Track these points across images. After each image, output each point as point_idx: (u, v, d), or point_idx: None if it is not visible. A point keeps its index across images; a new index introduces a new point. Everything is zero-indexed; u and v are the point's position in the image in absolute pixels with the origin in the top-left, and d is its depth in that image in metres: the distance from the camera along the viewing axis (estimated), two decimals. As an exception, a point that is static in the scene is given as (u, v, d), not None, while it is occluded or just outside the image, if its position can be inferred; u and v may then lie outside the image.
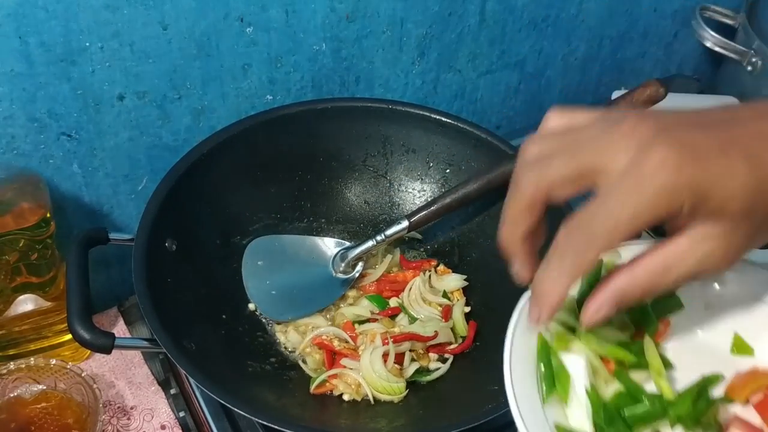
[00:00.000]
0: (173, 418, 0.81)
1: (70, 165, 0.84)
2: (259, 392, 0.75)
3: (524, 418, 0.44)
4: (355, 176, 0.94)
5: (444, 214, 0.82)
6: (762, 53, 1.05)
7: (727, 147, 0.40)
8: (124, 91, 0.82)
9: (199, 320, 0.78)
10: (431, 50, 1.00)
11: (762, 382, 0.49)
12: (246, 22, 0.84)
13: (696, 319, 0.52)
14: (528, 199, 0.44)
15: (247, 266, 0.86)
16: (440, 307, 0.85)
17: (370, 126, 0.92)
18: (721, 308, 0.52)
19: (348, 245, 0.89)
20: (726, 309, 0.52)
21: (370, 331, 0.81)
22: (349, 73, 0.96)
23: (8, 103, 0.77)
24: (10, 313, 0.78)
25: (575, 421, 0.47)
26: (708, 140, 0.40)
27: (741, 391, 0.49)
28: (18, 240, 0.75)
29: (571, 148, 0.43)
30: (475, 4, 0.98)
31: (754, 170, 0.40)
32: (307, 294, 0.86)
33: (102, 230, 0.78)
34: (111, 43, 0.77)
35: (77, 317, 0.69)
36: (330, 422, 0.75)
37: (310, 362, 0.81)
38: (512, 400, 0.46)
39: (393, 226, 0.82)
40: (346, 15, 0.90)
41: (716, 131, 0.41)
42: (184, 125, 0.88)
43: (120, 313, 0.91)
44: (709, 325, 0.52)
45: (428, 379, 0.80)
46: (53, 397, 0.77)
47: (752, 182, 0.40)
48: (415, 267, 0.90)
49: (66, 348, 0.84)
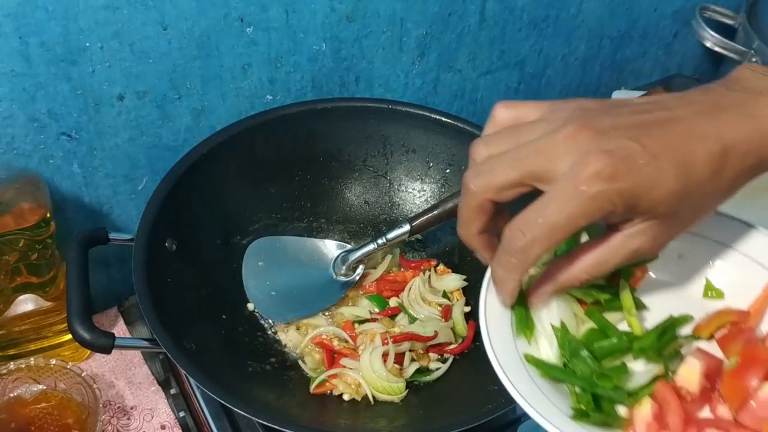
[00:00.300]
0: (173, 418, 0.81)
1: (70, 165, 0.84)
2: (259, 392, 0.75)
3: (494, 348, 0.49)
4: (355, 176, 0.94)
5: (446, 219, 0.81)
6: (762, 53, 1.05)
7: (660, 153, 0.44)
8: (124, 91, 0.82)
9: (199, 320, 0.78)
10: (431, 50, 1.00)
11: (727, 319, 0.52)
12: (246, 22, 0.84)
13: (670, 267, 0.56)
14: (476, 203, 0.48)
15: (247, 266, 0.86)
16: (440, 307, 0.85)
17: (370, 126, 0.92)
18: (693, 257, 0.55)
19: (349, 248, 0.89)
20: (698, 257, 0.56)
21: (370, 331, 0.81)
22: (349, 73, 0.96)
23: (8, 103, 0.77)
24: (10, 313, 0.78)
25: (544, 353, 0.51)
26: (641, 147, 0.44)
27: (706, 329, 0.52)
28: (18, 240, 0.75)
29: (515, 154, 0.46)
30: (475, 4, 0.98)
31: (682, 176, 0.44)
32: (307, 295, 0.86)
33: (102, 230, 0.78)
34: (111, 43, 0.77)
35: (77, 317, 0.69)
36: (330, 422, 0.75)
37: (309, 362, 0.81)
38: (485, 332, 0.50)
39: (394, 230, 0.82)
40: (346, 15, 0.90)
41: (651, 135, 0.45)
42: (184, 125, 0.88)
43: (120, 313, 0.91)
44: (682, 273, 0.56)
45: (428, 379, 0.80)
46: (53, 397, 0.77)
47: (679, 187, 0.44)
48: (414, 267, 0.90)
49: (66, 348, 0.84)
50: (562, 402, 0.48)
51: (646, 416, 0.48)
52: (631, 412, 0.49)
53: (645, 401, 0.48)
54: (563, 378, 0.50)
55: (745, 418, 0.46)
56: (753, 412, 0.46)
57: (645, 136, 0.45)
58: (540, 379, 0.49)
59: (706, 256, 0.56)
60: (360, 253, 0.85)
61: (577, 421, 0.47)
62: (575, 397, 0.49)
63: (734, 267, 0.55)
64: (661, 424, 0.47)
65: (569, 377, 0.50)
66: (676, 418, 0.47)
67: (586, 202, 0.43)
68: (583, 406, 0.48)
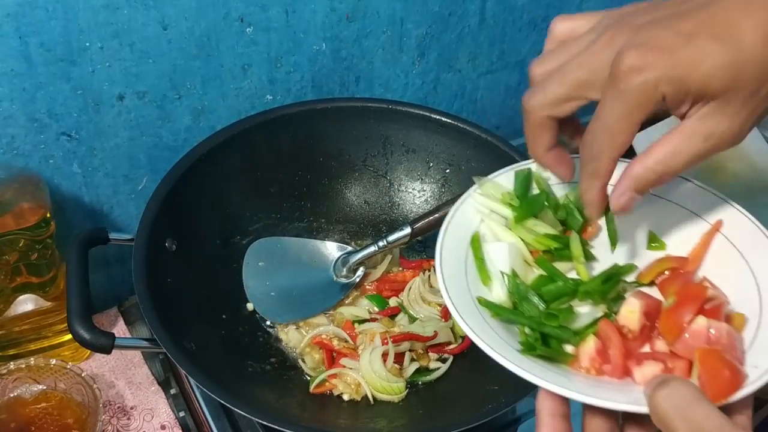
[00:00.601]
0: (173, 418, 0.81)
1: (70, 165, 0.84)
2: (259, 392, 0.75)
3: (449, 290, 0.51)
4: (355, 176, 0.94)
5: None
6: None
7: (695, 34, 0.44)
8: (124, 91, 0.82)
9: (199, 320, 0.78)
10: (431, 50, 1.00)
11: (667, 265, 0.56)
12: (246, 22, 0.84)
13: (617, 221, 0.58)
14: (535, 121, 0.51)
15: (248, 267, 0.86)
16: (440, 307, 0.85)
17: (370, 126, 0.92)
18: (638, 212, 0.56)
19: (350, 250, 0.89)
20: (643, 211, 0.58)
21: (370, 331, 0.81)
22: (349, 73, 0.96)
23: (8, 103, 0.77)
24: (10, 313, 0.78)
25: (496, 297, 0.54)
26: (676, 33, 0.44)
27: (648, 275, 0.56)
28: (18, 240, 0.75)
29: (563, 69, 0.49)
30: (475, 4, 0.98)
31: (728, 48, 0.44)
32: (307, 297, 0.86)
33: (102, 230, 0.78)
34: (111, 43, 0.77)
35: (77, 317, 0.69)
36: (330, 422, 0.75)
37: (308, 361, 0.81)
38: (440, 276, 0.52)
39: (395, 233, 0.81)
40: (346, 15, 0.90)
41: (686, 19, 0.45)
42: (184, 125, 0.88)
43: (120, 313, 0.91)
44: (629, 226, 0.59)
45: (428, 379, 0.80)
46: (53, 397, 0.77)
47: (727, 60, 0.44)
48: (414, 266, 0.90)
49: (66, 348, 0.84)
50: (513, 340, 0.51)
51: (590, 351, 0.51)
52: (576, 349, 0.52)
53: (589, 338, 0.51)
54: (513, 318, 0.53)
55: (679, 348, 0.49)
56: (685, 342, 0.49)
57: (679, 22, 0.45)
58: (492, 320, 0.52)
59: (650, 211, 0.59)
60: (361, 255, 0.85)
61: (525, 354, 0.50)
62: (524, 336, 0.52)
63: (675, 219, 0.58)
64: (604, 358, 0.50)
65: (518, 317, 0.53)
66: (616, 352, 0.50)
67: (632, 97, 0.44)
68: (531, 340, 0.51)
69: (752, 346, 0.49)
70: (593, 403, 0.45)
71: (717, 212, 0.57)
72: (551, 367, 0.50)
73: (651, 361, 0.50)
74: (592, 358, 0.51)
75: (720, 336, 0.48)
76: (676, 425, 0.42)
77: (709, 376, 0.46)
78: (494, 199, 0.59)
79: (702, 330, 0.48)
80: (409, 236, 0.80)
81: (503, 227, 0.58)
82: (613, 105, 0.46)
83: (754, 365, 0.47)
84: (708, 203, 0.58)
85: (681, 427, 0.41)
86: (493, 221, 0.58)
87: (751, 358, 0.48)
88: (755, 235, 0.55)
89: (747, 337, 0.50)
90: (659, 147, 0.48)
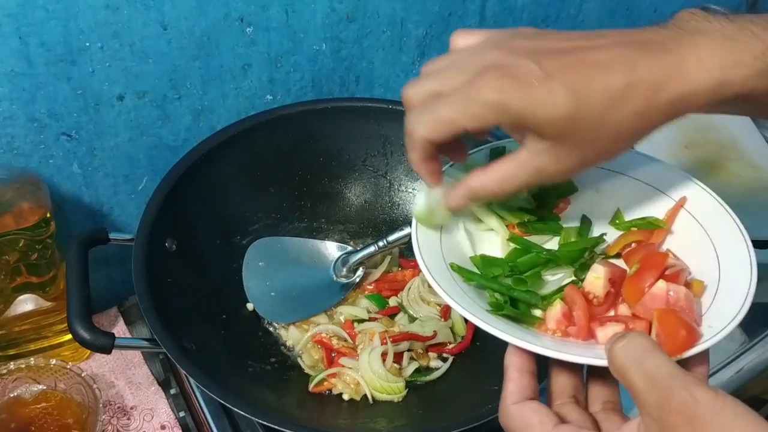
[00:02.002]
0: (173, 418, 0.81)
1: (70, 165, 0.84)
2: (259, 392, 0.75)
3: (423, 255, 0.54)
4: (355, 176, 0.94)
5: None
6: (762, 53, 1.05)
7: (555, 74, 0.47)
8: (124, 91, 0.82)
9: (199, 320, 0.78)
10: (431, 50, 1.00)
11: (633, 238, 0.59)
12: (246, 22, 0.84)
13: (588, 199, 0.62)
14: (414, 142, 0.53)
15: (248, 267, 0.86)
16: (439, 307, 0.85)
17: (370, 126, 0.92)
18: (607, 190, 0.62)
19: (350, 250, 0.89)
20: (612, 189, 0.62)
21: (369, 331, 0.81)
22: (349, 73, 0.96)
23: (8, 103, 0.77)
24: (10, 313, 0.78)
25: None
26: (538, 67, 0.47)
27: (615, 247, 0.59)
28: (18, 240, 0.75)
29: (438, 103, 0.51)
30: (475, 4, 0.98)
31: (573, 101, 0.46)
32: (307, 297, 0.86)
33: (102, 230, 0.78)
34: (111, 43, 0.77)
35: (77, 317, 0.69)
36: (329, 422, 0.75)
37: (306, 359, 0.81)
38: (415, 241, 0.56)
39: (395, 232, 0.82)
40: (346, 15, 0.90)
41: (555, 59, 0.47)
42: (184, 125, 0.88)
43: (120, 313, 0.91)
44: (598, 204, 0.62)
45: (428, 379, 0.80)
46: (53, 397, 0.77)
47: (568, 111, 0.47)
48: (414, 265, 0.90)
49: (66, 348, 0.84)
50: (484, 303, 0.54)
51: (556, 314, 0.53)
52: (544, 313, 0.54)
53: (556, 303, 0.54)
54: (483, 283, 0.55)
55: (639, 310, 0.52)
56: (646, 304, 0.51)
57: (549, 59, 0.47)
58: (464, 285, 0.55)
59: (618, 189, 0.62)
60: (361, 255, 0.85)
61: (494, 314, 0.52)
62: (494, 298, 0.55)
63: (641, 197, 0.61)
64: (570, 321, 0.53)
65: (488, 282, 0.55)
66: (580, 314, 0.52)
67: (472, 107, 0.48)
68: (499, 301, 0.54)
69: (709, 310, 0.51)
70: (559, 357, 0.48)
71: (681, 189, 0.60)
72: (519, 328, 0.52)
73: (613, 323, 0.52)
74: (558, 320, 0.53)
75: (678, 299, 0.50)
76: (632, 373, 0.44)
77: (665, 333, 0.48)
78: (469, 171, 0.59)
79: (661, 293, 0.51)
80: (409, 236, 0.80)
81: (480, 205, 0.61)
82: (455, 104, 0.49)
83: (709, 325, 0.50)
84: (673, 181, 0.61)
85: (636, 374, 0.43)
86: None
87: (708, 319, 0.51)
88: (717, 210, 0.58)
89: (705, 302, 0.52)
90: (497, 168, 0.52)
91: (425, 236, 0.57)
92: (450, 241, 0.58)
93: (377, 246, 0.83)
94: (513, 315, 0.53)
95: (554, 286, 0.56)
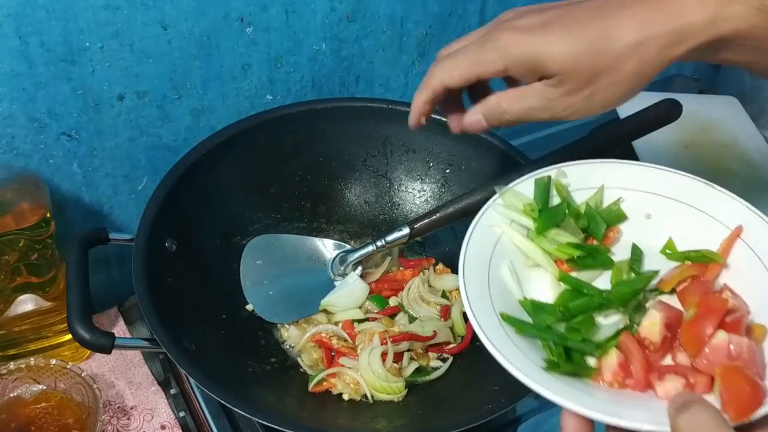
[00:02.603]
0: (173, 418, 0.81)
1: (70, 165, 0.84)
2: (259, 392, 0.75)
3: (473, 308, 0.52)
4: (355, 176, 0.94)
5: (446, 223, 0.79)
6: (762, 53, 1.05)
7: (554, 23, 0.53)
8: (124, 91, 0.82)
9: (199, 320, 0.78)
10: (431, 50, 1.00)
11: (688, 273, 0.57)
12: (246, 22, 0.84)
13: (638, 226, 0.61)
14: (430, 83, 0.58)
15: (245, 265, 0.86)
16: (439, 307, 0.85)
17: (370, 126, 0.92)
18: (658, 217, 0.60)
19: (347, 248, 0.89)
20: (663, 217, 0.60)
21: (369, 330, 0.81)
22: (349, 73, 0.96)
23: (8, 103, 0.77)
24: (10, 313, 0.78)
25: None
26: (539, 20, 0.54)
27: (669, 283, 0.57)
28: (18, 240, 0.75)
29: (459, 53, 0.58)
30: (475, 4, 0.98)
31: (573, 41, 0.52)
32: (305, 296, 0.86)
33: (102, 230, 0.78)
34: (111, 43, 0.77)
35: (77, 317, 0.69)
36: (329, 422, 0.75)
37: (306, 359, 0.81)
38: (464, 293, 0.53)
39: (394, 233, 0.81)
40: (346, 15, 0.90)
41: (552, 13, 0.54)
42: (184, 125, 0.88)
43: (120, 313, 0.91)
44: (649, 232, 0.60)
45: (427, 379, 0.80)
46: (53, 397, 0.77)
47: (568, 49, 0.52)
48: (413, 265, 0.90)
49: (66, 348, 0.84)
50: (535, 354, 0.52)
51: (612, 365, 0.51)
52: (599, 362, 0.52)
53: (611, 351, 0.52)
54: (536, 334, 0.53)
55: (700, 363, 0.50)
56: (706, 357, 0.50)
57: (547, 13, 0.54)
58: (515, 336, 0.52)
59: (670, 216, 0.60)
60: (358, 254, 0.85)
61: (550, 371, 0.50)
62: (548, 350, 0.52)
63: (694, 224, 0.59)
64: (626, 372, 0.51)
65: (542, 333, 0.53)
66: (638, 366, 0.50)
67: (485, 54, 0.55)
68: (555, 358, 0.51)
69: None
70: (617, 424, 0.46)
71: (737, 217, 0.57)
72: (573, 382, 0.50)
73: (673, 375, 0.50)
74: (614, 372, 0.51)
75: (741, 351, 0.48)
76: None
77: (730, 393, 0.46)
78: (515, 209, 0.59)
79: (723, 345, 0.49)
80: (408, 237, 0.80)
81: (524, 237, 0.59)
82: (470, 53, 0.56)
83: None
84: (728, 208, 0.58)
85: None
86: (514, 231, 0.59)
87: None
88: None
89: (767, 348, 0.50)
90: (513, 90, 0.57)
91: (473, 281, 0.55)
92: (498, 284, 0.56)
93: (375, 246, 0.83)
94: (569, 371, 0.51)
95: (608, 331, 0.54)
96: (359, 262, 0.86)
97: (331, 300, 0.84)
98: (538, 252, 0.58)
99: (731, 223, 0.57)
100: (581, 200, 0.61)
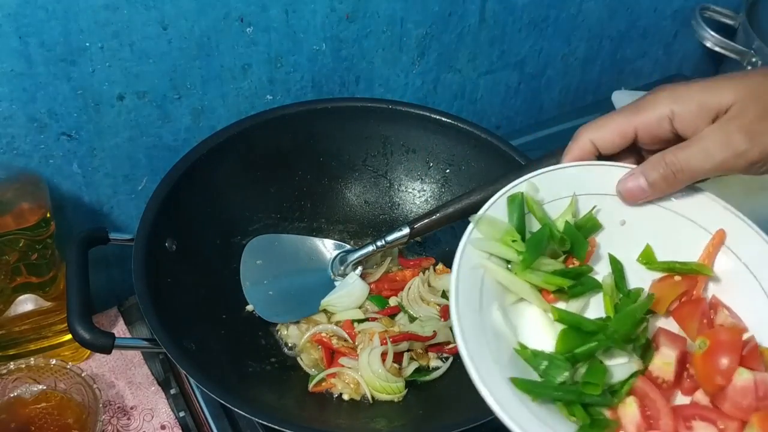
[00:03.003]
0: (173, 418, 0.81)
1: (70, 165, 0.84)
2: (259, 392, 0.75)
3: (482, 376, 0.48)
4: (355, 176, 0.94)
5: (446, 223, 0.78)
6: (762, 53, 1.05)
7: None
8: (124, 91, 0.82)
9: (199, 320, 0.78)
10: (431, 50, 1.00)
11: (677, 290, 0.54)
12: (246, 22, 0.84)
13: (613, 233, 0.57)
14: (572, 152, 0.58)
15: (245, 265, 0.86)
16: (439, 307, 0.85)
17: (370, 126, 0.92)
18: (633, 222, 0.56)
19: (347, 248, 0.89)
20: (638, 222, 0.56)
21: (369, 330, 0.81)
22: (349, 73, 0.96)
23: (8, 103, 0.77)
24: (10, 313, 0.78)
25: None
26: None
27: (663, 304, 0.54)
28: (18, 240, 0.75)
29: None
30: (475, 4, 0.98)
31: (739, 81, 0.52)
32: (304, 296, 0.86)
33: (102, 230, 0.78)
34: (111, 43, 0.77)
35: (77, 317, 0.69)
36: (329, 422, 0.75)
37: (305, 359, 0.81)
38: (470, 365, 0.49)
39: (394, 233, 0.80)
40: (346, 15, 0.90)
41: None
42: (184, 125, 0.88)
43: (120, 313, 0.91)
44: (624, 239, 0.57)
45: (428, 379, 0.80)
46: (53, 397, 0.77)
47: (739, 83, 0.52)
48: (413, 265, 0.90)
49: (66, 348, 0.84)
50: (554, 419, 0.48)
51: (635, 417, 0.48)
52: (615, 412, 0.49)
53: (629, 401, 0.49)
54: (553, 395, 0.49)
55: (727, 407, 0.48)
56: (733, 400, 0.47)
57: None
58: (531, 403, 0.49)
59: (646, 221, 0.57)
60: (358, 254, 0.85)
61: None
62: (566, 410, 0.49)
63: (673, 230, 0.56)
64: (649, 422, 0.48)
65: (559, 393, 0.49)
66: (667, 419, 0.48)
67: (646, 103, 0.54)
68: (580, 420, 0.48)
69: None
70: None
71: (718, 221, 0.55)
72: None
73: (700, 422, 0.48)
74: (638, 425, 0.48)
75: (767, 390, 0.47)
76: None
77: None
78: (494, 239, 0.55)
79: (749, 386, 0.47)
80: (408, 237, 0.80)
81: (507, 272, 0.54)
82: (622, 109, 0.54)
83: None
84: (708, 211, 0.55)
85: None
86: (496, 267, 0.54)
87: None
88: (761, 247, 0.53)
89: None
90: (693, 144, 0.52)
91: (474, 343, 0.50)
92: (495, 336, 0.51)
93: (375, 246, 0.82)
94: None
95: (619, 374, 0.51)
96: (359, 262, 0.86)
97: (331, 300, 0.84)
98: (524, 287, 0.54)
99: (711, 226, 0.55)
100: (556, 213, 0.57)
